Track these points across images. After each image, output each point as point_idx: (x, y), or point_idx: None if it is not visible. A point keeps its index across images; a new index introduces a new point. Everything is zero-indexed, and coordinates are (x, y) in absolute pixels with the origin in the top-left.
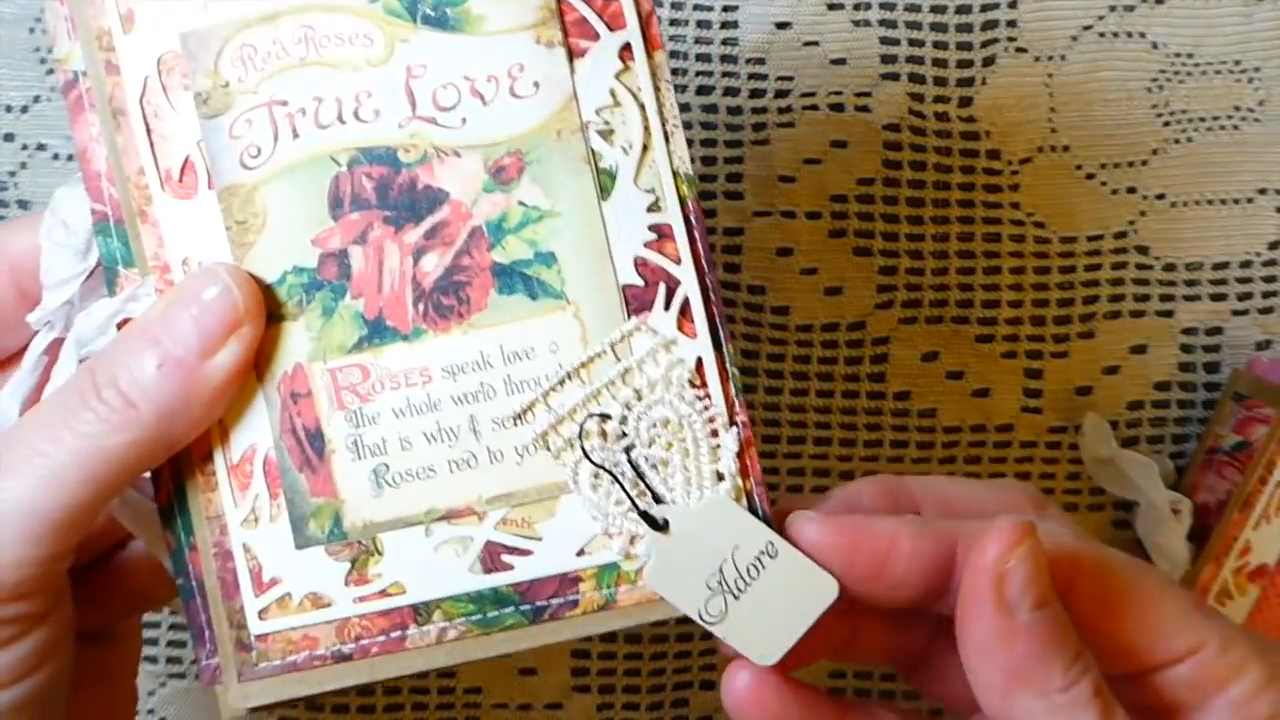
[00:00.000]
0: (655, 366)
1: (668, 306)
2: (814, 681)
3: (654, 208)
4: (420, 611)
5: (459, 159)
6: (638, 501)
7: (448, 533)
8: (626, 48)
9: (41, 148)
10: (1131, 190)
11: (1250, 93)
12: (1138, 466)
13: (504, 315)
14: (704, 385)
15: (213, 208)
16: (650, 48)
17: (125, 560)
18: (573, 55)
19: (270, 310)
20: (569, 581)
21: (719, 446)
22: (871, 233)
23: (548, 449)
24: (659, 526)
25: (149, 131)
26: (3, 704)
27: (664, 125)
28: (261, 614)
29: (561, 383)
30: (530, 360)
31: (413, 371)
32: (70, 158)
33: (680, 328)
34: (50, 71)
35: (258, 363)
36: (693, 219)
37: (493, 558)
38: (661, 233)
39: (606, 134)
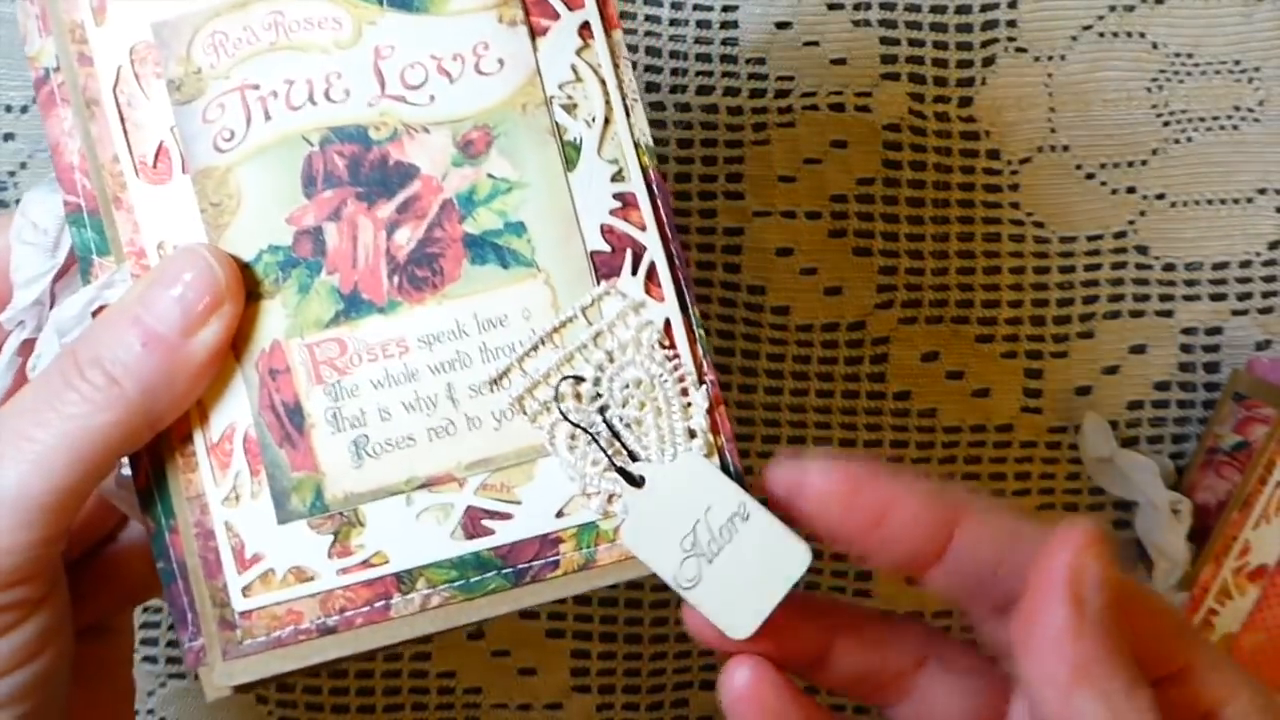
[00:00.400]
0: (625, 329)
1: (635, 271)
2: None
3: (618, 177)
4: (404, 580)
5: (428, 135)
6: (614, 460)
7: (428, 500)
8: (585, 26)
9: (42, 148)
10: (1131, 190)
11: (1250, 93)
12: (1138, 466)
13: (477, 285)
14: (673, 345)
15: (187, 191)
16: (608, 26)
17: (116, 552)
18: (534, 33)
19: (248, 289)
20: (549, 543)
21: (690, 405)
22: (871, 233)
23: (524, 413)
24: (635, 482)
25: (123, 120)
26: (3, 691)
27: (624, 99)
28: (245, 591)
29: (535, 348)
30: (504, 327)
31: (389, 343)
32: None
33: (648, 291)
34: None
35: (236, 341)
36: (655, 187)
37: (474, 523)
38: (626, 201)
39: (570, 108)
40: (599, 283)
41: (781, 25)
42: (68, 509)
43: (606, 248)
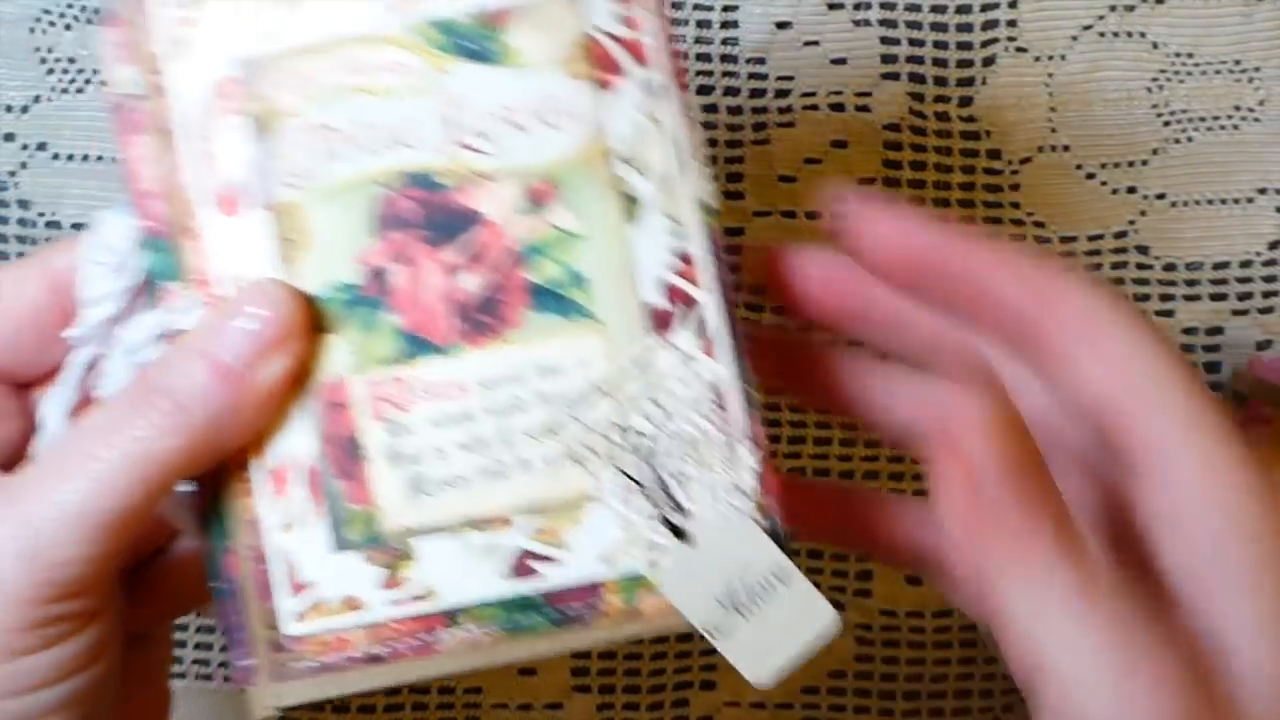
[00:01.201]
0: (678, 383)
1: (689, 326)
2: (816, 681)
3: (677, 234)
4: (451, 616)
5: (495, 184)
6: (663, 511)
7: (479, 540)
8: (652, 83)
9: (42, 147)
10: (1131, 190)
11: (1250, 93)
12: None
13: (537, 332)
14: (723, 402)
15: (260, 225)
16: (679, 86)
17: (167, 564)
18: (602, 89)
19: (314, 324)
20: (594, 589)
21: (739, 462)
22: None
23: (575, 461)
24: (681, 535)
25: (201, 152)
26: (52, 700)
27: (687, 157)
28: (297, 617)
29: (589, 397)
30: (560, 375)
31: (449, 384)
32: (70, 157)
33: (702, 347)
34: (50, 71)
35: (300, 374)
36: (713, 245)
37: (522, 565)
38: (684, 257)
39: (633, 163)
40: (654, 336)
41: (781, 25)
42: (128, 527)
43: (663, 302)
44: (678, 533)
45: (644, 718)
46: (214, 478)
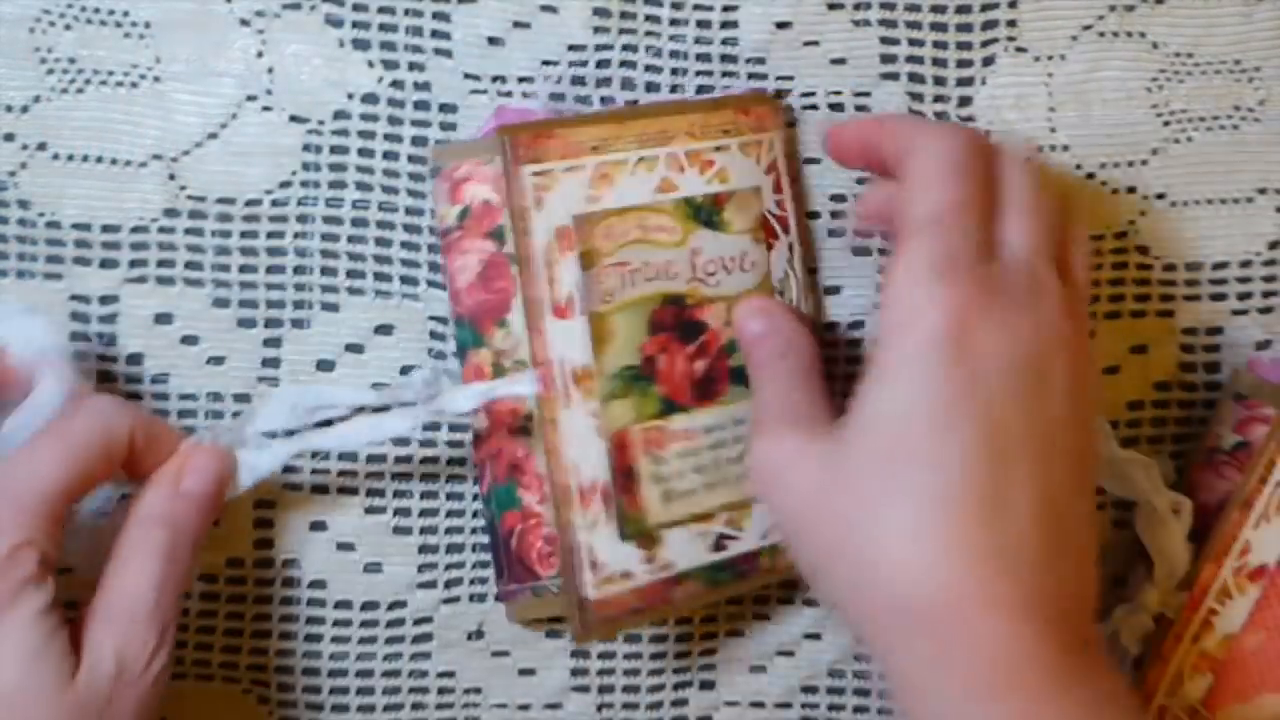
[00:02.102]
0: None
1: None
2: (815, 681)
3: None
4: (680, 579)
5: (713, 305)
6: None
7: (698, 529)
8: (790, 245)
9: (42, 148)
10: (1131, 190)
11: (1250, 93)
12: (1138, 466)
13: (735, 397)
14: None
15: (583, 327)
16: (801, 244)
17: None
18: (769, 248)
19: (611, 391)
20: (755, 555)
21: None
22: (871, 232)
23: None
24: None
25: (546, 276)
26: None
27: (809, 288)
28: (594, 586)
29: None
30: (747, 423)
31: (688, 431)
32: (70, 157)
33: None
34: (50, 71)
35: (601, 426)
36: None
37: (719, 542)
38: None
39: (781, 293)
40: None
41: (781, 25)
42: None
43: None
44: None
45: (643, 717)
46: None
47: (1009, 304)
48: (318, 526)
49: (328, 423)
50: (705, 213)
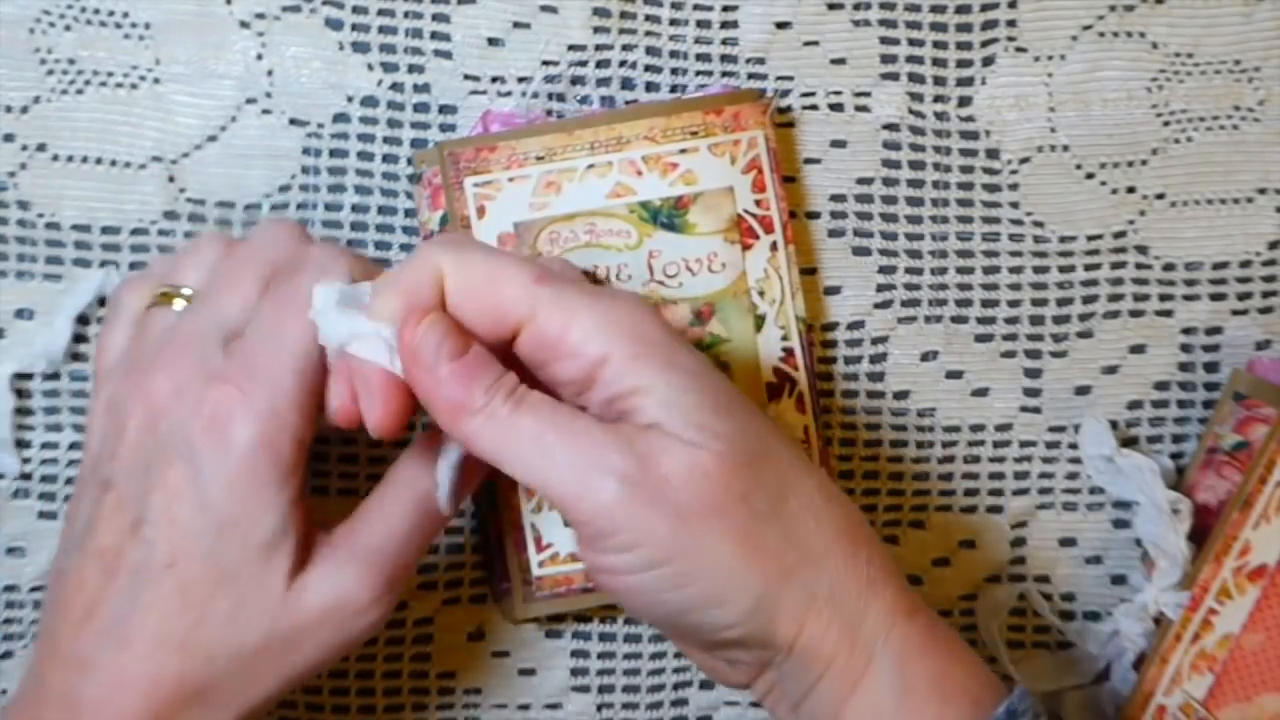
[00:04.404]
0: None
1: (790, 395)
2: None
3: (785, 338)
4: None
5: (676, 306)
6: None
7: None
8: (773, 244)
9: (41, 148)
10: (1131, 190)
11: (1250, 93)
12: (1138, 466)
13: None
14: (808, 440)
15: None
16: (786, 243)
17: None
18: (745, 248)
19: None
20: None
21: None
22: (870, 232)
23: None
24: None
25: None
26: None
27: (792, 289)
28: (540, 564)
29: None
30: None
31: None
32: (70, 158)
33: (797, 408)
34: (50, 72)
35: None
36: (805, 345)
37: None
38: (787, 352)
39: (760, 294)
40: (769, 403)
41: (781, 25)
42: None
43: (775, 380)
44: None
45: (643, 717)
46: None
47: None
48: None
49: None
50: (665, 215)
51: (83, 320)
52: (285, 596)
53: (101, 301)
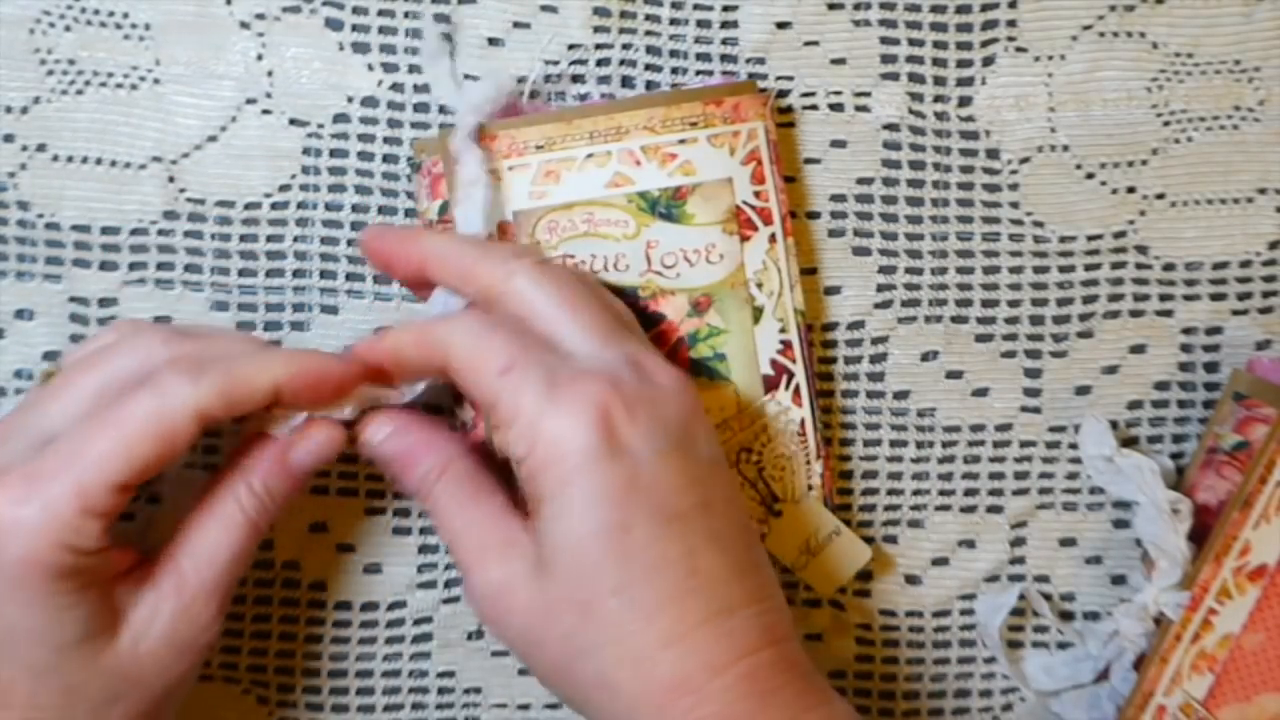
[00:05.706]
0: (778, 422)
1: (786, 388)
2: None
3: (782, 330)
4: None
5: (673, 296)
6: (766, 500)
7: None
8: (772, 236)
9: (41, 148)
10: (1131, 190)
11: (1250, 93)
12: (1138, 466)
13: (699, 387)
14: (804, 434)
15: None
16: (785, 235)
17: None
18: (743, 239)
19: None
20: None
21: (811, 470)
22: (870, 232)
23: None
24: (775, 513)
25: None
26: None
27: (790, 281)
28: None
29: (723, 429)
30: (708, 416)
31: None
32: (70, 158)
33: (793, 400)
34: (50, 73)
35: None
36: (802, 336)
37: None
38: (785, 344)
39: (758, 285)
40: (766, 394)
41: (781, 25)
42: None
43: (772, 373)
44: (773, 511)
45: None
46: None
47: (625, 386)
48: (318, 528)
49: None
50: (664, 205)
51: (82, 321)
52: (116, 653)
53: (101, 302)
